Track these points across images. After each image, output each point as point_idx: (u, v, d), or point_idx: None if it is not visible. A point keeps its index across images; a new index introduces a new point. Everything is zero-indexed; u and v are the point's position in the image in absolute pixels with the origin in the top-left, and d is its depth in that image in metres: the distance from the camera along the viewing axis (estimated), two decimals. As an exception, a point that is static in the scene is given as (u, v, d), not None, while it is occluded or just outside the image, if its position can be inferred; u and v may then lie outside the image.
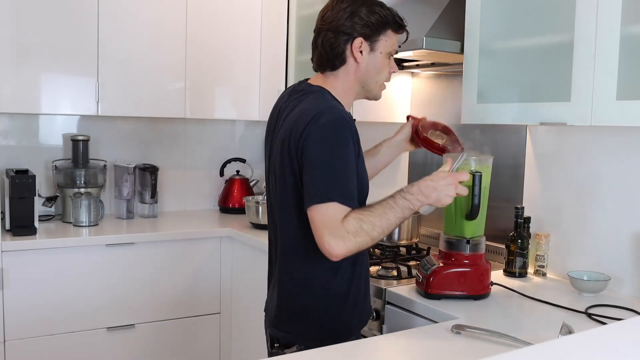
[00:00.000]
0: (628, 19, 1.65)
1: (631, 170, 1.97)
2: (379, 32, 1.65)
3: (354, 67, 1.66)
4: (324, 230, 1.46)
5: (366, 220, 1.49)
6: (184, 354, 2.95)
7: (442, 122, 2.05)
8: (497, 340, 1.50)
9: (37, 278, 2.61)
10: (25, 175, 2.73)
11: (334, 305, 1.63)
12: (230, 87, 3.26)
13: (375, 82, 1.70)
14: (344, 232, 1.46)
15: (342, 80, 1.68)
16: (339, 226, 1.46)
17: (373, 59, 1.66)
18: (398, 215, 1.54)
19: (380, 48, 1.66)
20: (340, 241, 1.45)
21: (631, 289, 1.97)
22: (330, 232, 1.45)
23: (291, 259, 1.65)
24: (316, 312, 1.64)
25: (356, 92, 1.71)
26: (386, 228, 1.53)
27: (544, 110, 1.86)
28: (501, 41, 2.04)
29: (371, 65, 1.67)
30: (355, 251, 1.49)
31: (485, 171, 1.88)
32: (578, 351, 0.92)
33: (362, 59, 1.65)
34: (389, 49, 1.68)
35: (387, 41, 1.67)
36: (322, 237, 1.46)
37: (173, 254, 2.90)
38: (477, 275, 1.87)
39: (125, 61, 2.96)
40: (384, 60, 1.68)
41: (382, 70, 1.69)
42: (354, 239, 1.47)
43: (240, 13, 3.24)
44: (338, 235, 1.45)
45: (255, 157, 3.73)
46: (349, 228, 1.46)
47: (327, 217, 1.47)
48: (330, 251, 1.46)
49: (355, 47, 1.64)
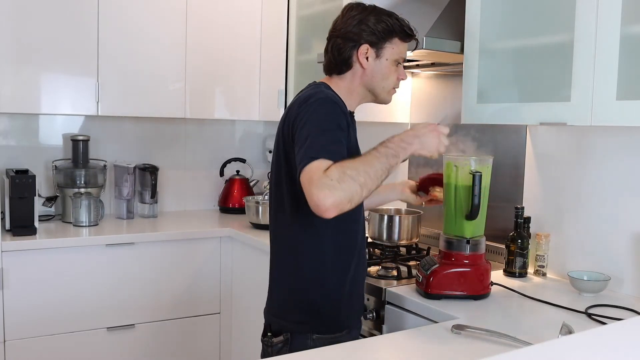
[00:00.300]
0: (628, 19, 1.65)
1: (631, 170, 1.97)
2: (385, 40, 1.71)
3: (360, 72, 1.73)
4: (309, 186, 1.43)
5: (349, 166, 1.46)
6: (184, 354, 2.95)
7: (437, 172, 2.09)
8: (497, 340, 1.50)
9: (37, 278, 2.61)
10: (25, 175, 2.73)
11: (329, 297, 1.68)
12: (230, 87, 3.26)
13: (381, 87, 1.75)
14: (328, 180, 1.42)
15: (348, 82, 1.75)
16: (322, 176, 1.43)
17: (379, 65, 1.72)
18: (382, 162, 1.52)
19: (386, 55, 1.72)
20: (326, 190, 1.41)
21: (631, 289, 1.97)
22: (315, 185, 1.42)
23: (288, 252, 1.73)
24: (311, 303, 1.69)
25: (361, 95, 1.77)
26: (372, 174, 1.49)
27: (544, 110, 1.86)
28: (501, 41, 2.04)
29: (377, 71, 1.72)
30: (345, 200, 1.44)
31: (485, 171, 1.88)
32: (578, 351, 0.92)
33: (367, 65, 1.71)
34: (396, 57, 1.74)
35: (393, 49, 1.73)
36: (310, 194, 1.43)
37: (173, 254, 2.90)
38: (477, 275, 1.87)
39: (125, 61, 2.96)
40: (390, 67, 1.74)
41: (389, 77, 1.75)
42: (339, 185, 1.42)
43: (240, 13, 3.24)
44: (323, 185, 1.41)
45: (255, 157, 3.73)
46: (332, 176, 1.43)
47: (311, 172, 1.44)
48: (319, 204, 1.42)
49: (361, 53, 1.70)
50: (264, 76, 3.31)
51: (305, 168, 1.46)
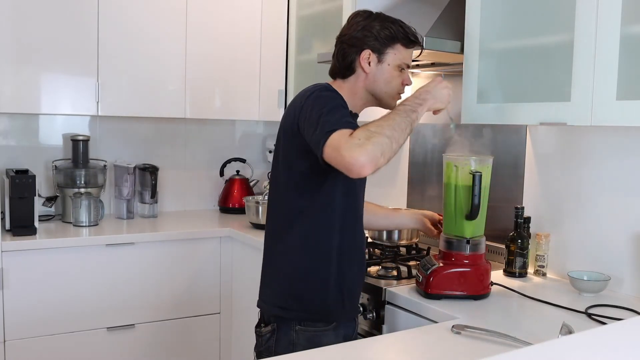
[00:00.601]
0: (628, 19, 1.65)
1: (631, 170, 1.97)
2: (387, 46, 1.74)
3: (362, 76, 1.77)
4: (338, 152, 1.46)
5: (372, 125, 1.52)
6: (184, 354, 2.95)
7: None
8: (497, 340, 1.50)
9: (37, 278, 2.61)
10: (25, 175, 2.73)
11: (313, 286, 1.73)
12: (230, 87, 3.26)
13: (384, 92, 1.78)
14: (356, 140, 1.45)
15: (351, 84, 1.79)
16: (348, 139, 1.46)
17: (381, 70, 1.75)
18: (403, 117, 1.58)
19: (389, 60, 1.76)
20: (356, 149, 1.44)
21: (631, 289, 1.97)
22: (345, 148, 1.45)
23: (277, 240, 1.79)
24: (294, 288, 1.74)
25: (364, 98, 1.80)
26: (397, 128, 1.53)
27: (544, 110, 1.86)
28: (501, 41, 2.04)
29: (379, 76, 1.76)
30: (379, 153, 1.47)
31: (485, 171, 1.88)
32: (578, 351, 0.92)
33: (369, 70, 1.75)
34: (398, 62, 1.77)
35: (395, 54, 1.76)
36: (341, 158, 1.45)
37: (173, 254, 2.90)
38: (477, 275, 1.87)
39: (125, 61, 2.96)
40: (392, 72, 1.77)
41: (391, 82, 1.78)
42: (368, 141, 1.45)
43: (240, 13, 3.24)
44: (352, 145, 1.45)
45: (255, 157, 3.73)
46: (359, 135, 1.47)
47: (336, 141, 1.47)
48: (354, 163, 1.44)
49: (364, 58, 1.74)
50: (264, 76, 3.31)
51: (328, 141, 1.49)
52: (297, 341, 1.71)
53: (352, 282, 1.80)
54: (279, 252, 1.79)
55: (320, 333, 1.72)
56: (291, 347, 1.71)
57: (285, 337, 1.72)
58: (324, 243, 1.72)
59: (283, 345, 1.73)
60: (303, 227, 1.72)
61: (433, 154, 2.72)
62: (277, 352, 1.70)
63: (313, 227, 1.72)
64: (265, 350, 1.78)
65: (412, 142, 2.84)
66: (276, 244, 1.80)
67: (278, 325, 1.74)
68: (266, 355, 1.75)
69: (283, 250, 1.77)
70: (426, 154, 2.76)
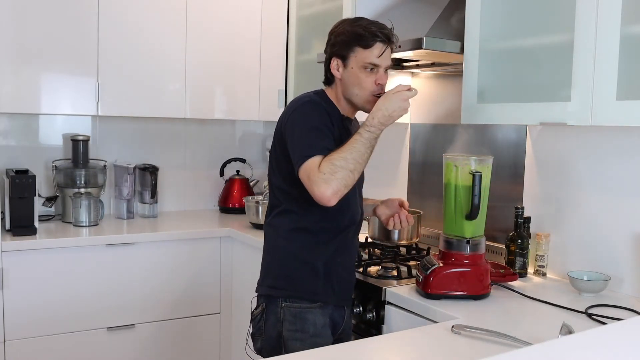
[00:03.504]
0: (628, 19, 1.65)
1: (631, 170, 1.97)
2: (347, 50, 1.80)
3: (338, 83, 1.86)
4: (309, 183, 1.65)
5: (337, 158, 1.65)
6: (184, 354, 2.95)
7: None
8: (497, 340, 1.50)
9: (37, 278, 2.61)
10: (25, 175, 2.73)
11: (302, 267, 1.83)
12: (230, 87, 3.26)
13: (355, 94, 1.83)
14: (322, 175, 1.63)
15: (334, 91, 1.88)
16: (317, 172, 1.64)
17: (347, 74, 1.82)
18: (366, 145, 1.69)
19: (352, 64, 1.81)
20: (322, 184, 1.62)
21: (631, 289, 1.97)
22: (313, 181, 1.64)
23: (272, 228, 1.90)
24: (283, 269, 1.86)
25: (347, 102, 1.86)
26: (359, 158, 1.67)
27: (544, 110, 1.86)
28: (501, 41, 2.04)
29: (347, 80, 1.82)
30: (342, 187, 1.64)
31: (485, 171, 1.88)
32: (578, 351, 0.92)
33: (339, 75, 1.83)
34: (360, 63, 1.80)
35: (357, 57, 1.80)
36: (311, 190, 1.65)
37: (173, 254, 2.90)
38: (477, 275, 1.87)
39: (125, 61, 2.96)
40: (359, 74, 1.81)
41: (361, 83, 1.81)
42: (332, 176, 1.63)
43: (240, 13, 3.24)
44: (319, 180, 1.63)
45: (255, 157, 3.73)
46: (324, 170, 1.63)
47: (307, 171, 1.66)
48: (322, 197, 1.63)
49: (333, 67, 1.84)
50: (264, 76, 3.31)
51: (302, 167, 1.67)
52: (283, 317, 1.80)
53: (344, 268, 1.89)
54: (272, 236, 1.91)
55: (306, 309, 1.81)
56: (279, 324, 1.81)
57: (273, 315, 1.82)
58: (314, 226, 1.82)
59: (271, 323, 1.82)
60: (294, 212, 1.83)
61: (433, 154, 2.72)
62: (267, 331, 1.82)
63: (303, 212, 1.82)
64: (257, 331, 1.87)
65: (412, 142, 2.84)
66: (270, 229, 1.91)
67: (267, 305, 1.84)
68: (258, 336, 1.86)
69: (275, 235, 1.89)
70: (426, 154, 2.76)
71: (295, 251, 1.84)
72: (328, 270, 1.84)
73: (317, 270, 1.83)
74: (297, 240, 1.84)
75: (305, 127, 1.73)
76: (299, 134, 1.73)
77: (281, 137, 1.81)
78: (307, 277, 1.83)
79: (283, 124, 1.81)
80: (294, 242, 1.84)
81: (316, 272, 1.83)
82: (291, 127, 1.76)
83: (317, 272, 1.83)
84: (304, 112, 1.77)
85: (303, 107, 1.78)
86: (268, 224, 1.94)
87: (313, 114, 1.76)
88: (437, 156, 2.69)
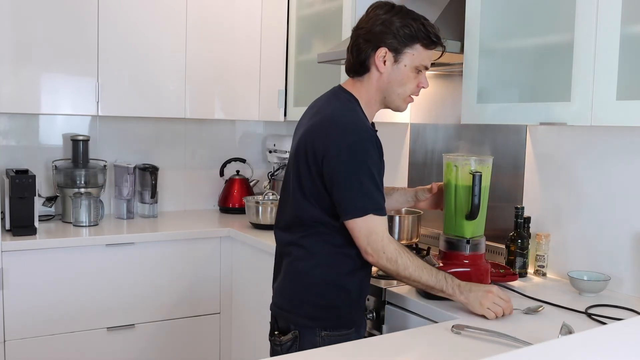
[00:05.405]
0: (628, 19, 1.65)
1: (631, 170, 1.97)
2: (406, 45, 1.66)
3: (376, 76, 1.69)
4: (365, 240, 1.61)
5: (405, 259, 1.64)
6: (184, 354, 2.95)
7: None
8: (497, 340, 1.50)
9: (37, 278, 2.61)
10: (25, 175, 2.73)
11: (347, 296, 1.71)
12: (230, 87, 3.26)
13: (397, 94, 1.71)
14: (381, 252, 1.62)
15: (366, 88, 1.71)
16: (379, 242, 1.61)
17: (396, 70, 1.68)
18: (429, 281, 1.66)
19: (405, 61, 1.67)
20: (375, 255, 1.62)
21: (631, 289, 1.97)
22: (371, 245, 1.61)
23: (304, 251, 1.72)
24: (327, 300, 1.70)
25: (379, 103, 1.74)
26: (414, 279, 1.66)
27: (544, 110, 1.86)
28: (501, 41, 2.04)
29: (393, 76, 1.68)
30: (380, 267, 1.67)
31: (485, 171, 1.88)
32: (578, 351, 0.92)
33: (384, 69, 1.67)
34: (416, 64, 1.69)
35: (414, 55, 1.67)
36: (365, 245, 1.62)
37: (173, 254, 2.90)
38: (477, 275, 1.87)
39: (125, 61, 2.96)
40: (408, 73, 1.69)
41: (406, 84, 1.70)
42: (384, 261, 1.63)
43: (240, 13, 3.24)
44: (376, 249, 1.62)
45: (255, 157, 3.73)
46: (388, 252, 1.62)
47: (366, 229, 1.61)
48: (371, 259, 1.64)
49: (379, 57, 1.66)
50: (264, 76, 3.31)
51: (358, 222, 1.61)
52: (322, 345, 1.66)
53: (368, 286, 1.83)
54: (302, 259, 1.71)
55: (345, 336, 1.69)
56: None
57: (310, 344, 1.66)
58: (355, 251, 1.67)
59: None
60: (330, 234, 1.67)
61: (433, 154, 2.72)
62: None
63: (343, 237, 1.66)
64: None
65: (412, 142, 2.84)
66: (300, 250, 1.71)
67: (301, 333, 1.68)
68: None
69: (309, 259, 1.70)
70: (426, 154, 2.76)
71: (336, 278, 1.69)
72: (360, 293, 1.75)
73: (354, 295, 1.72)
74: (338, 267, 1.69)
75: (359, 172, 1.58)
76: (353, 180, 1.58)
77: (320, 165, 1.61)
78: (347, 304, 1.71)
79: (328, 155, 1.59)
80: (334, 268, 1.69)
81: (353, 297, 1.72)
82: (345, 164, 1.58)
83: (353, 298, 1.73)
84: (359, 150, 1.59)
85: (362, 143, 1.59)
86: (295, 244, 1.72)
87: (369, 153, 1.60)
88: (437, 156, 2.69)
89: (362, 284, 1.75)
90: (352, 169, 1.59)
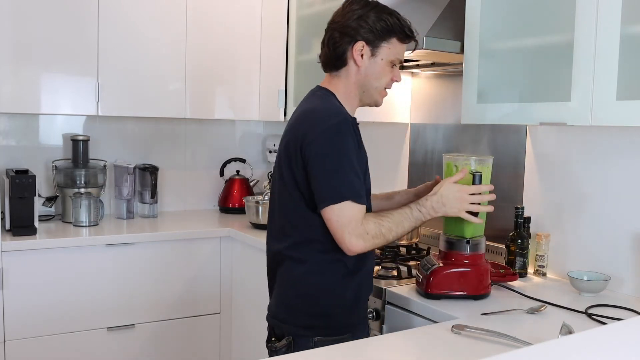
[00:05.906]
0: (628, 19, 1.65)
1: (631, 170, 1.97)
2: (382, 39, 1.68)
3: (354, 69, 1.70)
4: (344, 229, 1.57)
5: (385, 225, 1.61)
6: (184, 354, 2.95)
7: None
8: (497, 340, 1.50)
9: (37, 278, 2.61)
10: (25, 175, 2.73)
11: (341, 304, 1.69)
12: (230, 87, 3.26)
13: (374, 88, 1.72)
14: (364, 233, 1.58)
15: (344, 82, 1.72)
16: (359, 226, 1.57)
17: (373, 64, 1.69)
18: (411, 225, 1.67)
19: (382, 55, 1.69)
20: (360, 240, 1.58)
21: (631, 289, 1.97)
22: (351, 232, 1.56)
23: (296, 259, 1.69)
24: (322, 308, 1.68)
25: (357, 97, 1.74)
26: (400, 234, 1.66)
27: (544, 110, 1.86)
28: (501, 41, 2.04)
29: (370, 70, 1.70)
30: (370, 249, 1.63)
31: (485, 171, 1.88)
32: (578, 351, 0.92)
33: (362, 63, 1.68)
34: (392, 57, 1.70)
35: (390, 49, 1.69)
36: (342, 235, 1.57)
37: (173, 254, 2.90)
38: (477, 275, 1.87)
39: (125, 61, 2.96)
40: (384, 67, 1.70)
41: (382, 77, 1.71)
42: (372, 240, 1.59)
43: (240, 13, 3.24)
44: (358, 234, 1.57)
45: (255, 157, 3.73)
46: (369, 230, 1.59)
47: (345, 217, 1.57)
48: (350, 248, 1.58)
49: (356, 50, 1.67)
50: (264, 76, 3.31)
51: (335, 209, 1.56)
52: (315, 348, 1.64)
53: (368, 290, 1.80)
54: (294, 268, 1.69)
55: (339, 340, 1.65)
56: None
57: (304, 349, 1.62)
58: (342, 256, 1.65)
59: None
60: (320, 241, 1.65)
61: (433, 154, 2.72)
62: None
63: (332, 241, 1.62)
64: None
65: (412, 142, 2.84)
66: (290, 261, 1.70)
67: (295, 339, 1.67)
68: None
69: (300, 267, 1.68)
70: (426, 154, 2.76)
71: (329, 285, 1.67)
72: (356, 297, 1.72)
73: (349, 300, 1.70)
74: (331, 273, 1.67)
75: (339, 159, 1.57)
76: (329, 164, 1.57)
77: (300, 156, 1.60)
78: (342, 310, 1.69)
79: (306, 142, 1.59)
80: (326, 275, 1.66)
81: (348, 302, 1.70)
82: (320, 151, 1.57)
83: (349, 303, 1.70)
84: (337, 139, 1.58)
85: (337, 132, 1.58)
86: (285, 255, 1.70)
87: (346, 138, 1.58)
88: (437, 156, 2.69)
89: (359, 288, 1.72)
90: (330, 153, 1.57)
